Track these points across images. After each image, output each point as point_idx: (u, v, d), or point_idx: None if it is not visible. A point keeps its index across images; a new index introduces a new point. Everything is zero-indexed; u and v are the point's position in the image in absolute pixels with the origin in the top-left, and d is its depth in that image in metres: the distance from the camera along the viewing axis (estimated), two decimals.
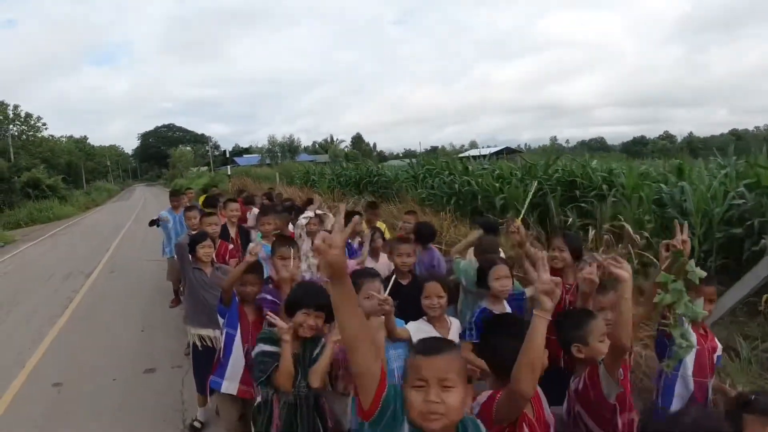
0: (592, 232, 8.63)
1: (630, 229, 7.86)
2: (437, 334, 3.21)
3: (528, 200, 5.15)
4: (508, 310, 3.61)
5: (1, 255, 17.07)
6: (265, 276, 3.98)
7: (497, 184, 12.65)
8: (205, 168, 73.34)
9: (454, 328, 3.50)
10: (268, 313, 3.12)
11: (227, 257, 5.64)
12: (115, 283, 11.12)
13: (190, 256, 4.69)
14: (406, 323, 3.38)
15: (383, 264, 5.16)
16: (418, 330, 3.29)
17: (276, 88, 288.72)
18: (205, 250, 4.64)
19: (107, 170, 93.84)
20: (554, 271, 3.61)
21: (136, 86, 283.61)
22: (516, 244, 4.15)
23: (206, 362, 4.31)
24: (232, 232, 6.58)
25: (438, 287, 3.40)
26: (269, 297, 3.78)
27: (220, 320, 3.75)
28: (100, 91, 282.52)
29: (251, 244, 3.96)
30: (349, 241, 6.02)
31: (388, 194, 18.36)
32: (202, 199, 12.65)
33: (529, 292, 3.88)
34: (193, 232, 5.46)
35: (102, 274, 12.18)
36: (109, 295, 10.04)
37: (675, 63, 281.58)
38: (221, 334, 3.78)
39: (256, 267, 3.73)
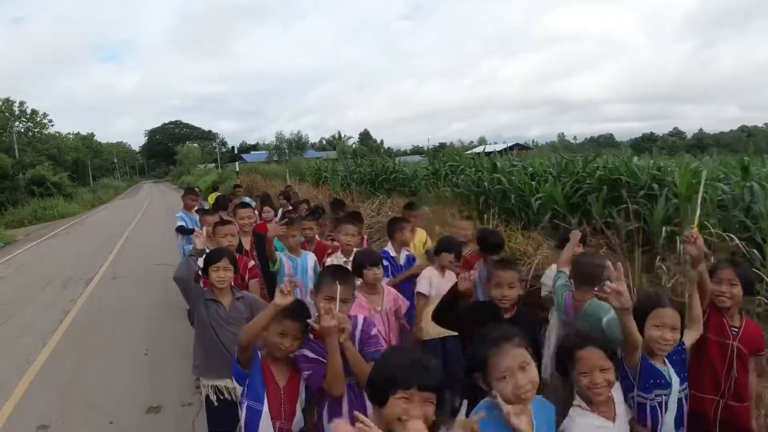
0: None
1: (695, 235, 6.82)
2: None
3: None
4: (671, 371, 2.60)
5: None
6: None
7: (533, 183, 11.57)
8: (213, 165, 72.72)
9: (621, 413, 2.42)
10: (357, 414, 1.80)
11: (246, 277, 4.55)
12: (117, 292, 10.18)
13: (200, 283, 3.67)
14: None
15: (448, 281, 4.11)
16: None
17: (282, 84, 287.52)
18: (220, 275, 3.51)
19: (114, 167, 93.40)
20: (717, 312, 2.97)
21: (142, 83, 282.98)
22: (691, 260, 2.94)
23: (224, 421, 3.32)
24: (246, 243, 5.39)
25: (601, 356, 2.32)
26: (309, 354, 2.64)
27: (238, 388, 2.67)
28: (107, 87, 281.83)
29: (284, 280, 2.66)
30: (392, 254, 5.00)
31: (404, 192, 17.44)
32: (212, 198, 11.77)
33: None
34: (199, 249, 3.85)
35: (103, 280, 11.25)
36: (109, 308, 9.10)
37: (683, 59, 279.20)
38: (240, 408, 2.68)
39: (294, 311, 2.59)
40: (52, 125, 59.26)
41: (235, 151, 30.99)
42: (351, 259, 4.29)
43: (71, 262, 13.83)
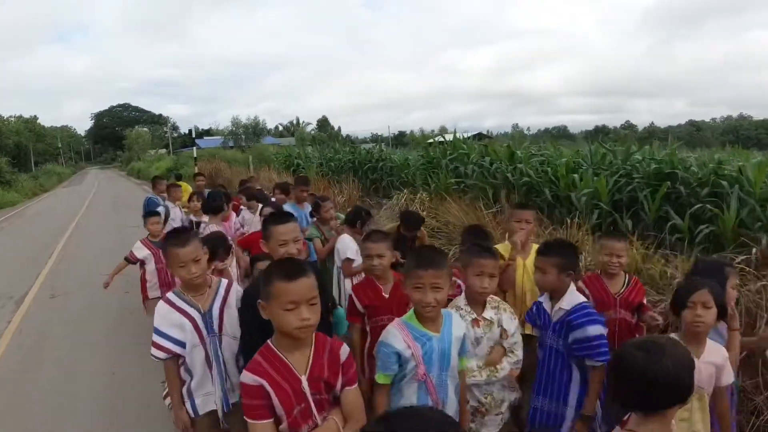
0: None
1: None
2: None
3: None
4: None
5: None
6: None
7: (576, 176, 9.72)
8: (164, 150, 70.01)
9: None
10: None
11: None
12: (59, 317, 7.71)
13: None
14: None
15: None
16: None
17: (239, 70, 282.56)
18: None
19: (58, 152, 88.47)
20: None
21: (93, 65, 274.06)
22: None
23: None
24: None
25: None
26: None
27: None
28: (54, 69, 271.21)
29: None
30: None
31: (393, 183, 15.38)
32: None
33: None
34: None
35: (39, 299, 8.65)
36: (48, 345, 6.66)
37: (638, 55, 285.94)
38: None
39: None
40: None
41: (193, 135, 28.26)
42: None
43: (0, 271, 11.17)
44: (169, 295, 2.95)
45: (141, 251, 5.91)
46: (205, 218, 6.31)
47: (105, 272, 9.94)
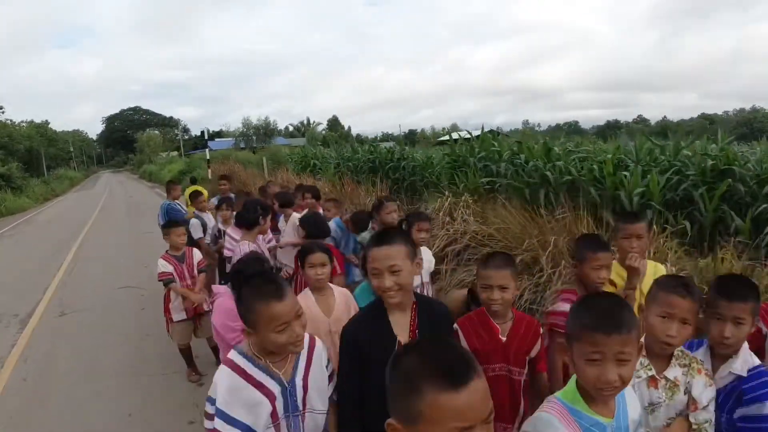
0: None
1: None
2: None
3: None
4: None
5: None
6: None
7: (626, 173, 8.93)
8: (175, 153, 69.87)
9: None
10: None
11: None
12: (67, 340, 6.94)
13: None
14: None
15: None
16: None
17: (248, 70, 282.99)
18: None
19: (70, 156, 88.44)
20: None
21: (102, 69, 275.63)
22: None
23: None
24: None
25: None
26: None
27: None
28: (64, 74, 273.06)
29: None
30: None
31: (415, 184, 14.62)
32: (190, 191, 9.13)
33: None
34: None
35: (47, 318, 7.97)
36: (57, 374, 5.92)
37: (647, 48, 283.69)
38: None
39: None
40: (2, 112, 56.11)
41: (206, 137, 27.55)
42: None
43: (5, 284, 10.43)
44: (235, 357, 2.10)
45: (165, 267, 5.24)
46: (231, 228, 5.59)
47: (119, 285, 9.44)
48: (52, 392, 5.35)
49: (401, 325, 2.25)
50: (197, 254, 5.51)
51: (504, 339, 2.60)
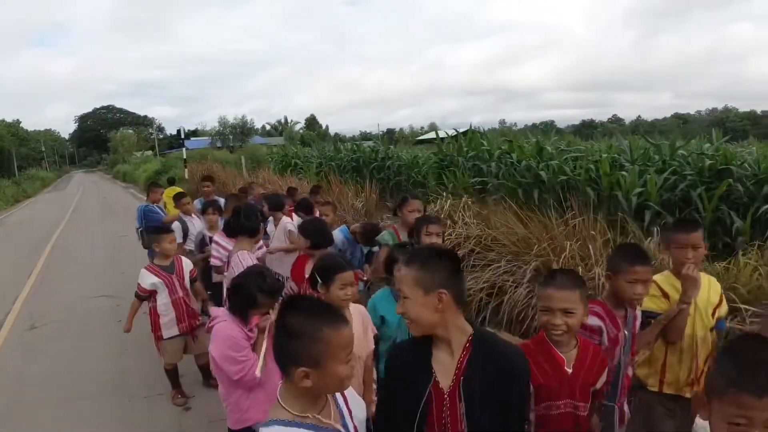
0: None
1: None
2: None
3: None
4: None
5: None
6: None
7: (625, 173, 8.74)
8: (150, 152, 68.91)
9: None
10: None
11: None
12: (39, 358, 6.38)
13: None
14: None
15: None
16: None
17: (225, 70, 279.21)
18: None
19: (42, 156, 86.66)
20: None
21: (75, 68, 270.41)
22: None
23: None
24: None
25: None
26: None
27: None
28: (37, 72, 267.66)
29: None
30: None
31: (400, 184, 14.27)
32: (169, 193, 8.72)
33: None
34: None
35: (15, 334, 7.28)
36: (25, 401, 5.36)
37: (622, 48, 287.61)
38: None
39: None
40: None
41: (182, 135, 26.68)
42: None
43: None
44: (279, 421, 1.60)
45: (148, 279, 4.67)
46: (218, 234, 5.15)
47: (93, 294, 8.92)
48: (21, 418, 4.85)
49: (445, 365, 1.85)
50: (187, 263, 4.99)
51: (570, 371, 2.22)
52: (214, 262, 4.94)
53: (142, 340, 5.31)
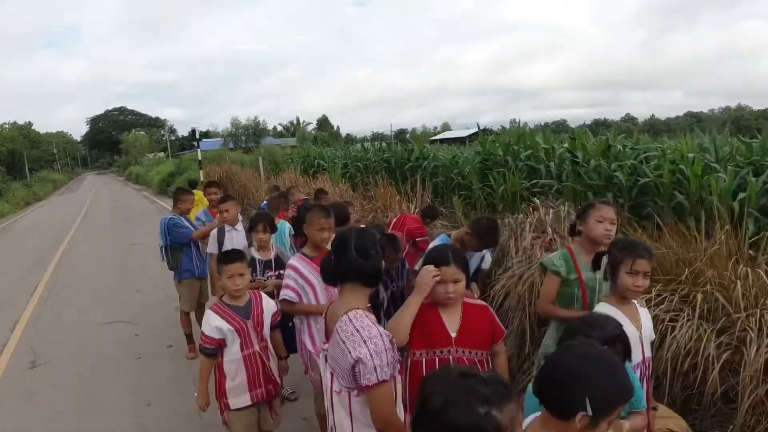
0: None
1: None
2: None
3: None
4: None
5: None
6: None
7: (722, 175, 7.56)
8: (162, 154, 68.61)
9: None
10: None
11: None
12: (40, 410, 5.10)
13: None
14: None
15: None
16: None
17: (235, 71, 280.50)
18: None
19: (54, 158, 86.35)
20: None
21: (87, 70, 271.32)
22: None
23: None
24: None
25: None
26: None
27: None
28: (48, 75, 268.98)
29: None
30: None
31: (437, 186, 13.04)
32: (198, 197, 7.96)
33: None
34: None
35: (12, 374, 5.94)
36: None
37: (632, 46, 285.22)
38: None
39: None
40: None
41: (197, 136, 25.65)
42: None
43: None
44: None
45: (213, 323, 3.20)
46: (297, 258, 3.78)
47: (107, 320, 7.65)
48: None
49: None
50: (269, 304, 3.47)
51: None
52: (288, 295, 3.55)
53: (165, 386, 4.07)
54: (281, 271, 4.17)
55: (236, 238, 5.15)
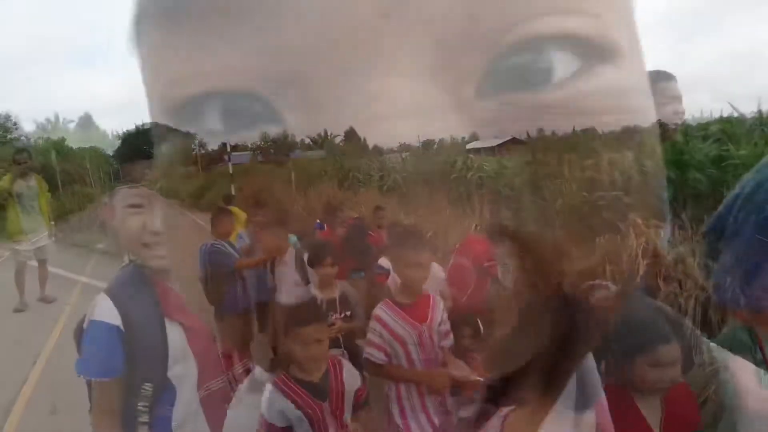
0: None
1: None
2: None
3: None
4: None
5: None
6: None
7: None
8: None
9: None
10: None
11: None
12: None
13: None
14: None
15: None
16: None
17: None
18: None
19: (86, 173, 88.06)
20: None
21: (120, 85, 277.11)
22: None
23: None
24: None
25: None
26: None
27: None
28: (82, 90, 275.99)
29: None
30: None
31: (482, 199, 12.11)
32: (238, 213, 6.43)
33: None
34: None
35: (28, 423, 4.00)
36: None
37: (659, 50, 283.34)
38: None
39: None
40: (16, 128, 55.74)
41: (228, 148, 25.24)
42: None
43: None
44: None
45: (278, 405, 1.93)
46: (383, 306, 2.87)
47: None
48: None
49: None
50: (351, 374, 1.93)
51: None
52: (373, 354, 2.49)
53: None
54: (347, 313, 3.29)
55: (284, 274, 4.16)
